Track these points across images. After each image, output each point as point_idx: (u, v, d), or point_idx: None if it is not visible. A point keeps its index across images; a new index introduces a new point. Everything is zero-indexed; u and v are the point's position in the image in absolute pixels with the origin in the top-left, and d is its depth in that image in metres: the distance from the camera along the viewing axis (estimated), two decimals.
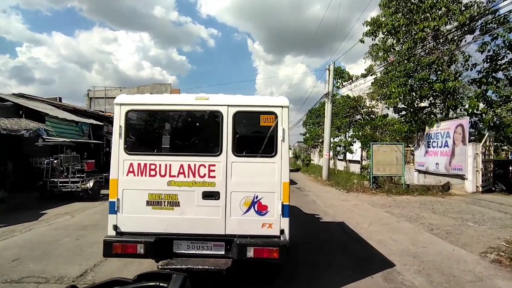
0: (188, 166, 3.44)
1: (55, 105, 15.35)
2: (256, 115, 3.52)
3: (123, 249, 3.31)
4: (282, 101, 3.52)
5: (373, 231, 6.34)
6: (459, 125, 13.22)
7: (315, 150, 41.72)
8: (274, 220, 3.39)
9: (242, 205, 3.42)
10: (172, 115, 3.75)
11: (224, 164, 3.44)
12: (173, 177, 3.43)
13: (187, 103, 3.57)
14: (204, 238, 3.41)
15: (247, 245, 3.27)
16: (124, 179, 3.41)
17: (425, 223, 7.05)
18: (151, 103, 3.60)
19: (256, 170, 3.45)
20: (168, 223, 3.40)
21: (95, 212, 7.93)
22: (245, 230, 3.39)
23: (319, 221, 7.38)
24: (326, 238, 5.80)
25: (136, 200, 3.41)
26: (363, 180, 14.46)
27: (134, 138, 3.62)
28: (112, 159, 3.41)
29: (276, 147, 3.44)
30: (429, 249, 5.17)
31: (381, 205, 9.58)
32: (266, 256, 3.28)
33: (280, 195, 3.40)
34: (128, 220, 3.41)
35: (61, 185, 9.25)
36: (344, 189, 13.08)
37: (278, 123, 3.45)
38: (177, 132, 3.82)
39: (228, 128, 3.46)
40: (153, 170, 3.44)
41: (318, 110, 40.16)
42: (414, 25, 14.50)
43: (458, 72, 14.85)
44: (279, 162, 3.43)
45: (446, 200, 10.66)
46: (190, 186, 3.42)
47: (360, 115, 25.95)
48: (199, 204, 3.41)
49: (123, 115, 3.44)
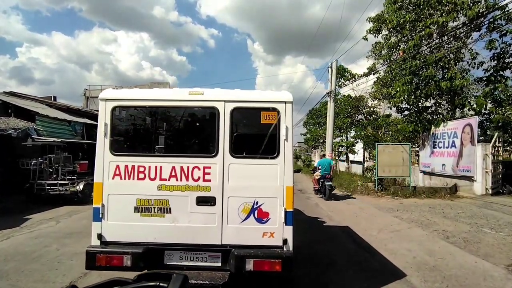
0: (181, 169, 3.06)
1: (48, 104, 14.83)
2: (256, 112, 3.12)
3: (107, 261, 2.92)
4: (285, 96, 3.13)
5: (383, 239, 5.80)
6: (467, 125, 12.69)
7: (316, 150, 41.25)
8: (276, 228, 3.02)
9: (240, 211, 3.05)
10: (163, 112, 3.35)
11: (220, 166, 3.06)
12: (164, 180, 3.06)
13: (180, 98, 3.17)
14: (199, 249, 3.01)
15: (246, 257, 2.90)
16: (109, 182, 3.05)
17: (439, 230, 6.52)
18: (139, 98, 3.22)
19: (256, 172, 3.07)
20: (158, 231, 3.03)
21: (83, 217, 7.39)
22: (244, 239, 3.02)
23: (323, 226, 6.86)
24: (333, 248, 5.27)
25: (123, 206, 3.04)
26: (367, 181, 13.92)
27: (121, 138, 3.24)
28: (97, 161, 3.07)
29: (278, 147, 3.05)
30: (449, 261, 4.64)
31: (388, 209, 9.05)
32: (268, 269, 2.89)
33: (283, 201, 3.02)
34: (114, 229, 3.04)
35: (49, 187, 8.71)
36: (348, 191, 12.54)
37: (280, 121, 3.06)
38: (169, 131, 3.40)
39: (225, 126, 3.08)
40: (142, 172, 3.07)
41: (319, 110, 39.72)
42: (420, 21, 14.00)
43: (465, 70, 14.35)
44: (281, 163, 3.05)
45: (456, 203, 10.13)
46: (183, 190, 3.05)
47: (362, 115, 25.51)
48: (192, 210, 3.03)
49: (108, 112, 3.07)
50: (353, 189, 12.66)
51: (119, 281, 1.03)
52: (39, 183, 8.80)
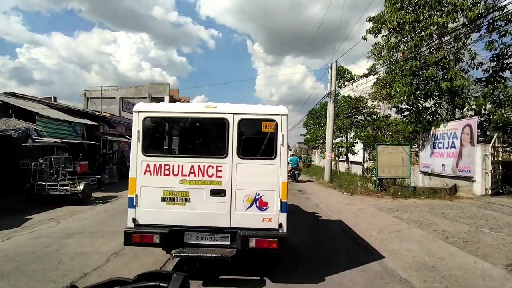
0: (198, 167, 3.79)
1: (48, 105, 14.83)
2: (258, 122, 3.85)
3: (141, 239, 3.63)
4: (281, 110, 3.85)
5: (383, 239, 5.81)
6: (467, 125, 12.71)
7: (316, 151, 41.20)
8: (273, 215, 3.73)
9: (245, 201, 3.76)
10: (184, 122, 4.15)
11: (229, 165, 3.78)
12: (185, 176, 3.79)
13: (197, 111, 3.94)
14: (212, 230, 3.76)
15: (249, 237, 3.61)
16: (141, 177, 3.77)
17: (438, 230, 6.53)
18: (165, 110, 4.02)
19: (258, 170, 3.79)
20: (180, 216, 3.75)
21: (84, 217, 7.39)
22: (248, 223, 3.72)
23: (323, 225, 6.87)
24: (333, 247, 5.29)
25: (152, 196, 3.76)
26: (367, 182, 13.93)
27: (150, 142, 3.97)
28: (131, 160, 3.78)
29: (275, 151, 3.76)
30: (448, 261, 4.65)
31: (388, 209, 9.06)
32: (266, 246, 3.61)
33: (279, 193, 3.73)
34: (145, 214, 3.76)
35: (49, 188, 8.71)
36: (348, 192, 12.56)
37: (277, 129, 3.77)
38: (188, 137, 4.28)
39: (233, 133, 3.79)
40: (167, 170, 3.80)
41: (318, 111, 39.72)
42: (420, 22, 14.02)
43: (464, 70, 14.37)
44: (278, 163, 3.75)
45: (455, 204, 10.14)
46: (199, 184, 3.77)
47: (362, 115, 25.52)
48: (207, 200, 3.76)
49: (140, 121, 3.80)
50: (353, 189, 12.67)
51: (119, 281, 1.04)
52: (39, 184, 8.81)
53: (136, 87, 28.17)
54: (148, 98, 27.15)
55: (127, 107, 23.45)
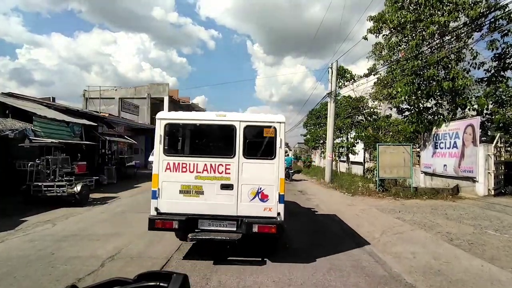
0: (210, 165, 4.45)
1: (46, 105, 14.70)
2: (260, 128, 4.52)
3: (162, 225, 4.29)
4: (280, 118, 4.51)
5: (387, 242, 5.67)
6: (469, 125, 12.57)
7: (316, 151, 41.10)
8: (273, 205, 4.38)
9: (249, 194, 4.41)
10: (198, 127, 4.76)
11: (236, 164, 4.44)
12: (199, 173, 4.44)
13: (210, 118, 4.60)
14: (221, 218, 4.40)
15: (252, 223, 4.25)
16: (163, 174, 4.43)
17: (442, 232, 6.39)
18: (183, 118, 4.79)
19: (260, 168, 4.45)
20: (195, 206, 4.40)
21: (80, 219, 7.24)
22: (251, 212, 4.38)
23: (326, 227, 6.72)
24: (336, 250, 5.14)
25: (171, 189, 4.42)
26: (369, 182, 13.78)
27: (171, 144, 4.68)
28: (155, 159, 4.45)
29: (275, 152, 4.42)
30: (454, 265, 4.51)
31: (390, 210, 8.92)
32: (267, 231, 4.23)
33: (278, 187, 4.39)
34: (166, 204, 4.40)
35: (46, 189, 8.56)
36: (349, 192, 12.41)
37: (276, 134, 4.42)
38: (202, 140, 5.01)
39: (240, 137, 4.44)
40: (184, 167, 4.45)
41: (318, 111, 39.59)
42: (421, 21, 13.89)
43: (466, 69, 14.24)
44: (277, 163, 4.41)
45: (458, 205, 10.00)
46: (211, 179, 4.43)
47: (362, 115, 25.42)
48: (218, 193, 4.41)
49: (162, 127, 4.46)
50: (354, 190, 12.52)
51: (119, 281, 1.02)
52: (35, 185, 8.66)
53: (136, 88, 28.02)
54: (148, 98, 27.03)
55: (126, 107, 23.33)
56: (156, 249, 5.11)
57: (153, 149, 19.46)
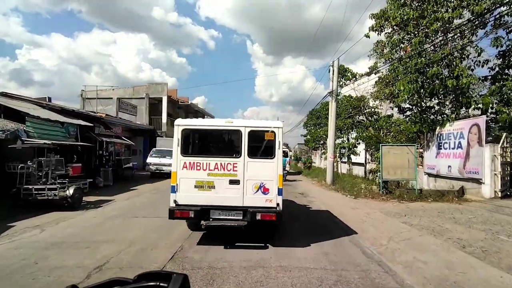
0: (220, 164, 5.14)
1: (40, 105, 14.35)
2: (262, 133, 5.21)
3: (181, 214, 5.07)
4: (279, 124, 5.29)
5: (395, 249, 5.32)
6: (474, 125, 12.23)
7: (316, 152, 40.73)
8: (273, 197, 5.08)
9: (253, 188, 5.10)
10: (210, 132, 5.54)
11: (242, 163, 5.14)
12: (211, 170, 5.13)
13: (220, 124, 5.38)
14: (230, 208, 5.12)
15: (256, 212, 4.98)
16: (180, 171, 5.12)
17: (453, 238, 6.04)
18: (197, 124, 5.53)
19: (262, 166, 5.15)
20: (207, 199, 5.10)
21: (71, 224, 6.88)
22: (255, 203, 5.08)
23: (331, 232, 6.37)
24: (342, 259, 4.79)
25: (187, 184, 5.11)
26: (371, 184, 13.45)
27: (186, 146, 5.31)
28: (173, 159, 5.17)
29: (274, 153, 5.13)
30: (471, 276, 4.16)
31: (395, 213, 8.57)
32: (268, 219, 4.98)
33: (277, 182, 5.09)
34: (183, 197, 5.10)
35: (37, 192, 8.20)
36: (351, 194, 12.06)
37: (276, 138, 5.13)
38: (213, 142, 5.72)
39: (245, 140, 5.14)
40: (198, 166, 5.13)
41: (318, 111, 39.20)
42: (424, 18, 13.57)
43: (470, 67, 13.90)
44: (276, 162, 5.12)
45: (465, 208, 9.66)
46: (221, 176, 5.12)
47: (363, 115, 25.09)
48: (226, 187, 5.11)
49: (179, 132, 5.14)
50: (356, 192, 12.17)
51: (119, 281, 1.01)
52: (26, 188, 8.30)
53: (134, 87, 27.65)
54: (146, 98, 26.68)
55: (124, 108, 22.95)
56: (149, 257, 4.77)
57: (151, 151, 19.12)
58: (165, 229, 6.41)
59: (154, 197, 11.31)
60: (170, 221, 6.54)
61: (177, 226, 6.54)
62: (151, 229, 6.44)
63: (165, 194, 12.36)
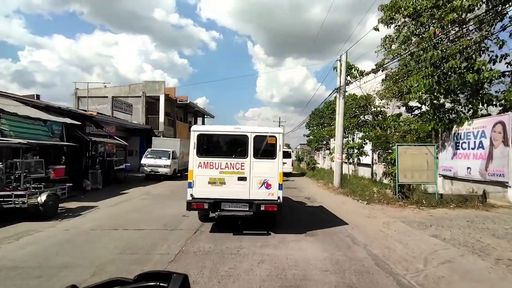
0: (230, 163, 6.12)
1: (23, 102, 13.21)
2: (265, 137, 6.25)
3: (197, 206, 6.05)
4: (279, 130, 6.53)
5: (438, 277, 4.13)
6: (498, 123, 11.06)
7: (319, 152, 39.56)
8: (274, 191, 6.06)
9: (258, 184, 6.09)
10: (221, 136, 6.59)
11: (249, 162, 6.13)
12: (222, 169, 6.10)
13: (229, 130, 6.41)
14: (238, 201, 6.10)
15: (260, 204, 5.97)
16: (196, 170, 6.08)
17: (502, 258, 4.87)
18: (210, 130, 6.78)
19: (265, 166, 6.13)
20: (219, 193, 6.06)
21: (34, 240, 5.71)
22: (260, 196, 6.06)
23: (348, 252, 5.20)
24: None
25: (202, 181, 6.07)
26: (381, 187, 12.27)
27: (201, 148, 6.20)
28: (190, 160, 6.11)
29: (276, 154, 6.13)
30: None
31: (419, 223, 7.40)
32: (271, 209, 5.99)
33: (278, 179, 6.07)
34: (198, 191, 6.04)
35: (2, 200, 7.03)
36: (363, 199, 10.89)
37: (277, 141, 6.15)
38: (224, 145, 6.61)
39: (251, 143, 6.15)
40: (211, 165, 6.10)
41: (322, 111, 38.13)
42: (439, 8, 12.41)
43: (491, 60, 12.72)
44: (277, 162, 6.11)
45: (495, 215, 8.48)
46: (231, 174, 6.11)
47: (370, 114, 24.07)
48: (235, 183, 6.09)
49: (195, 136, 6.11)
50: (369, 197, 11.00)
51: (119, 281, 0.99)
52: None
53: (130, 86, 26.53)
54: (143, 96, 25.56)
55: (119, 106, 21.79)
56: None
57: (146, 151, 17.85)
58: (147, 246, 5.27)
59: (144, 203, 10.17)
60: (153, 234, 6.24)
61: (162, 242, 5.42)
62: (129, 247, 5.29)
63: (156, 200, 11.33)
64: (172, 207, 9.04)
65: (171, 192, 12.82)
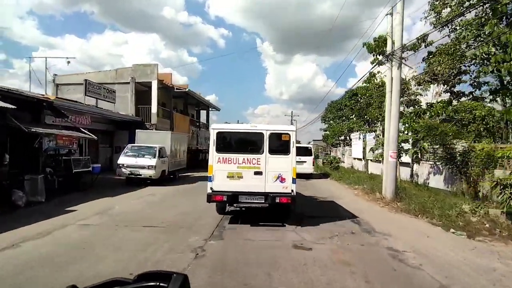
0: (247, 159, 6.70)
1: None
2: (280, 134, 6.95)
3: (216, 198, 6.65)
4: (293, 128, 7.87)
5: None
6: None
7: (337, 149, 35.02)
8: (288, 185, 6.64)
9: (273, 178, 6.66)
10: (239, 134, 7.28)
11: (264, 158, 6.70)
12: (240, 164, 6.68)
13: (246, 128, 7.30)
14: (254, 194, 6.65)
15: (275, 197, 6.57)
16: (216, 165, 6.67)
17: None
18: (229, 128, 7.45)
19: (280, 161, 6.71)
20: (237, 186, 6.66)
21: None
22: (275, 189, 6.64)
23: None
24: None
25: (221, 175, 6.65)
26: (479, 206, 7.73)
27: (220, 145, 6.82)
28: (210, 156, 6.75)
29: (289, 150, 6.74)
30: None
31: None
32: (285, 201, 6.61)
33: (291, 173, 6.63)
34: (217, 185, 6.65)
35: None
36: (455, 227, 6.42)
37: (290, 138, 6.78)
38: (241, 142, 7.19)
39: (266, 140, 6.74)
40: (230, 160, 6.68)
41: (339, 103, 33.58)
42: None
43: None
44: (291, 157, 6.69)
45: None
46: (248, 168, 6.67)
47: (405, 105, 20.08)
48: (252, 177, 6.66)
49: (215, 134, 6.78)
50: (464, 223, 6.53)
51: (119, 281, 0.99)
52: None
53: (117, 70, 22.39)
54: (132, 82, 21.41)
55: (95, 91, 17.51)
56: None
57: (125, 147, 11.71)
58: None
59: (82, 235, 5.95)
60: None
61: None
62: None
63: (108, 232, 5.86)
64: (132, 259, 4.81)
65: (151, 209, 8.49)
